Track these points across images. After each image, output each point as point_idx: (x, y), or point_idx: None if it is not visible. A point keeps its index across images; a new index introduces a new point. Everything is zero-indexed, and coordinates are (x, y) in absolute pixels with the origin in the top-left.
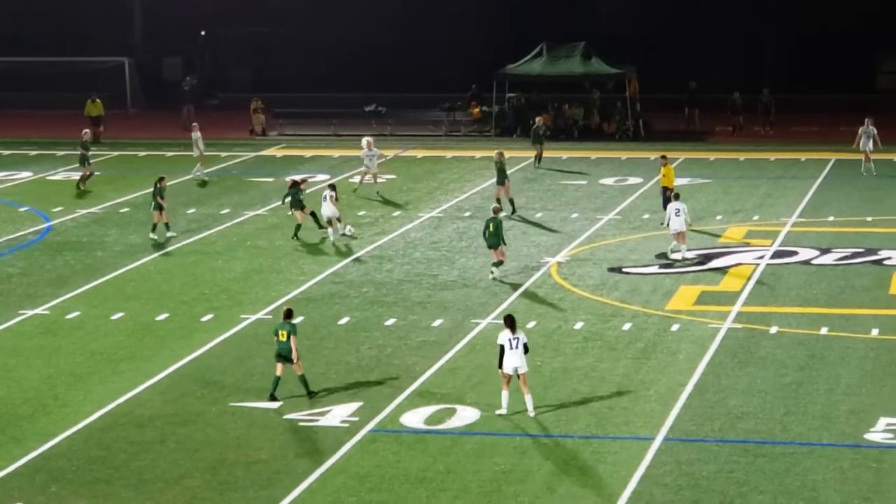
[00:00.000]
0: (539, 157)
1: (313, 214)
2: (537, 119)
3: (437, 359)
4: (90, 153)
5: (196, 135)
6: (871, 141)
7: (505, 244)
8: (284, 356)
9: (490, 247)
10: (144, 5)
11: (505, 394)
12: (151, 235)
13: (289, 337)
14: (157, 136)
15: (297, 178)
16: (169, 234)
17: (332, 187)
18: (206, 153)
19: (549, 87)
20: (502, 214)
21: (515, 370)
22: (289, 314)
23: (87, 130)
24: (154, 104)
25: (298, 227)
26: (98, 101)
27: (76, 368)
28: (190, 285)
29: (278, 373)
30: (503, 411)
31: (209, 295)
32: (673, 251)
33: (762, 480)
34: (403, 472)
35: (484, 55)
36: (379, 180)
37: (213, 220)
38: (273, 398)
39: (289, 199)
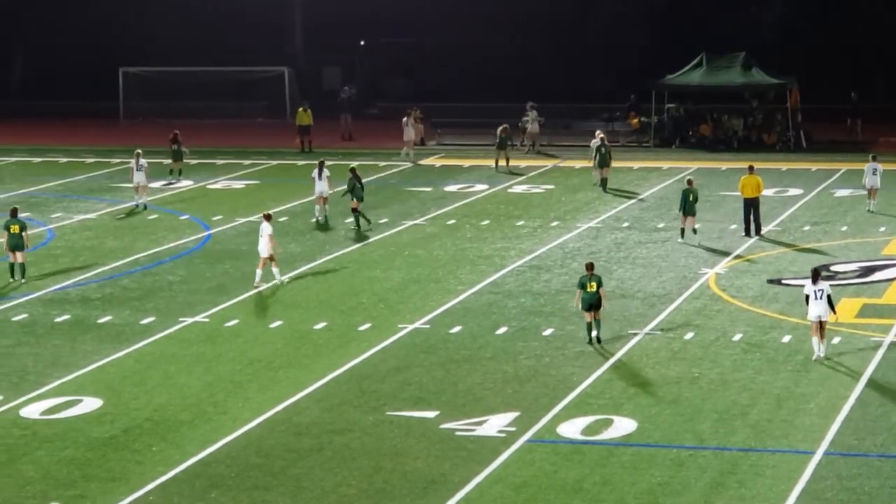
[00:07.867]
0: (497, 164)
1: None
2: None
3: (595, 369)
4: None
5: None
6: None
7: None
8: (594, 305)
9: (687, 214)
10: (304, 15)
11: (815, 339)
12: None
13: (598, 288)
14: (316, 145)
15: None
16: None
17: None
18: None
19: (709, 97)
20: (696, 184)
21: (819, 318)
22: (591, 266)
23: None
24: (313, 113)
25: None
26: (309, 110)
27: (235, 376)
28: (348, 294)
29: (588, 319)
30: (815, 356)
31: (367, 304)
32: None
33: None
34: (560, 482)
35: (643, 65)
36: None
37: (371, 229)
38: (590, 342)
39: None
